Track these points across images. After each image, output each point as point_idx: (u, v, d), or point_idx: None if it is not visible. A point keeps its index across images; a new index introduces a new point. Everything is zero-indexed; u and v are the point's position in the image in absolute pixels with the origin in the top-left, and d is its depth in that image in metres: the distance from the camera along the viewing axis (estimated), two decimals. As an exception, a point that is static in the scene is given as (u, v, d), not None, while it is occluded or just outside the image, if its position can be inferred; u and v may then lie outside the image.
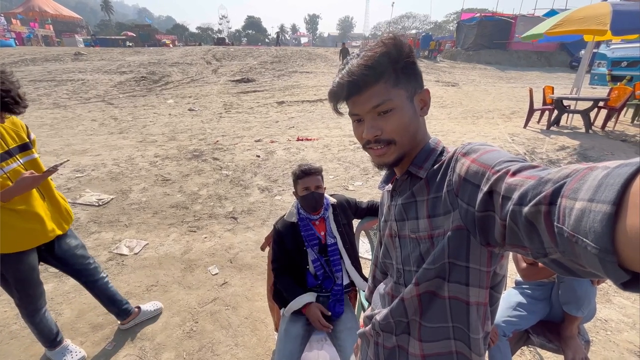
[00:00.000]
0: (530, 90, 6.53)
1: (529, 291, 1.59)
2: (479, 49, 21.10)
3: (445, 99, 9.93)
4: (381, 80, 0.62)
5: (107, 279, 1.92)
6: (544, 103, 6.90)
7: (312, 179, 1.51)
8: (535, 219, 0.39)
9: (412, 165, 0.69)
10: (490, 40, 21.07)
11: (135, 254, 2.79)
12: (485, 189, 0.49)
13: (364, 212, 1.72)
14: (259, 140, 6.01)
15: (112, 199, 3.75)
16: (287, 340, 1.41)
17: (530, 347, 1.83)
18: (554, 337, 1.50)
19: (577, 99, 6.23)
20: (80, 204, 3.58)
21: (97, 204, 3.59)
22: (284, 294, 1.53)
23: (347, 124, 6.67)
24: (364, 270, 1.67)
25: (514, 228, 0.43)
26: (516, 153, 4.91)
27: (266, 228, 3.17)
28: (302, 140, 6.05)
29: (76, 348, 1.83)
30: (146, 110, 8.51)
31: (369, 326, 0.82)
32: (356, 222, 1.73)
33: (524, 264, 1.55)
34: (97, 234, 3.07)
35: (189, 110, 8.50)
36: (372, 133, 0.65)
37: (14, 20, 27.91)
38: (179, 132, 6.55)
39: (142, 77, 12.37)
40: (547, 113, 6.68)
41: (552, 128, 6.49)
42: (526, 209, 0.39)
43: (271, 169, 4.67)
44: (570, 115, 6.67)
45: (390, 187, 0.78)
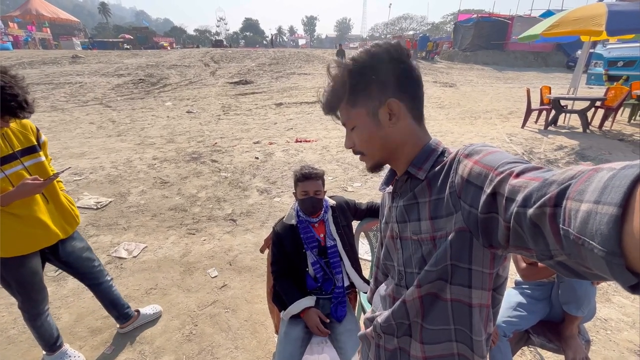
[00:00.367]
0: (528, 91, 6.55)
1: (529, 291, 1.59)
2: (476, 49, 21.19)
3: (443, 100, 9.95)
4: (341, 103, 0.71)
5: (111, 282, 1.92)
6: (542, 103, 6.93)
7: (311, 184, 1.49)
8: (540, 221, 0.38)
9: (411, 166, 0.69)
10: (487, 41, 21.16)
11: (134, 257, 2.78)
12: (488, 190, 0.49)
13: (363, 213, 1.71)
14: (257, 142, 6.00)
15: (111, 202, 3.74)
16: (287, 342, 1.40)
17: (530, 347, 1.82)
18: (554, 337, 1.50)
19: (574, 99, 6.26)
20: (79, 207, 3.55)
21: (95, 207, 3.58)
22: (283, 297, 1.52)
23: (345, 125, 6.66)
24: (364, 271, 1.66)
25: (518, 230, 0.43)
26: (514, 153, 4.92)
27: (265, 230, 3.16)
28: (300, 141, 6.05)
29: (75, 352, 1.81)
30: (144, 112, 8.50)
31: (370, 328, 0.81)
32: (355, 224, 1.73)
33: (523, 264, 1.55)
34: (96, 237, 3.06)
35: (187, 112, 8.49)
36: (347, 145, 0.75)
37: (11, 24, 27.84)
38: (177, 135, 6.54)
39: (140, 79, 12.36)
40: (544, 113, 6.72)
41: (550, 128, 6.51)
42: (531, 210, 0.39)
43: (270, 170, 4.67)
44: (568, 115, 6.70)
45: (390, 188, 0.78)
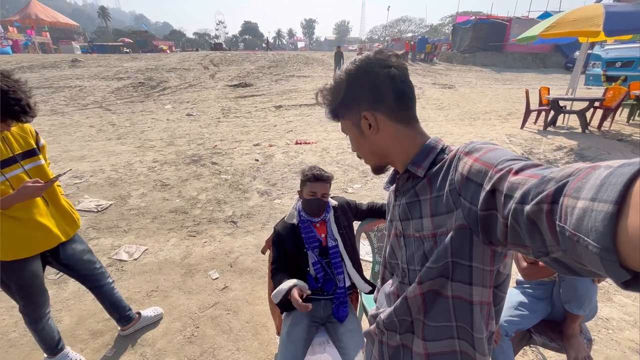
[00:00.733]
0: (527, 92, 6.58)
1: (530, 290, 1.59)
2: (474, 51, 21.24)
3: (442, 101, 9.98)
4: (334, 115, 0.78)
5: (113, 284, 1.91)
6: (540, 104, 6.95)
7: (321, 186, 1.51)
8: (537, 218, 0.39)
9: (411, 164, 0.70)
10: (485, 42, 21.22)
11: (135, 259, 2.78)
12: (488, 187, 0.49)
13: (364, 213, 1.72)
14: (257, 145, 6.01)
15: (111, 204, 3.74)
16: (289, 343, 1.40)
17: (532, 346, 1.82)
18: (556, 336, 1.50)
19: (572, 100, 6.28)
20: (79, 210, 3.56)
21: (95, 210, 3.58)
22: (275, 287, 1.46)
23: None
24: (365, 272, 1.67)
25: (516, 227, 0.43)
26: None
27: (266, 232, 3.16)
28: (300, 143, 6.06)
29: (76, 355, 1.81)
30: (144, 115, 8.51)
31: (373, 325, 0.82)
32: (356, 225, 1.73)
33: (524, 263, 1.55)
34: (96, 240, 3.06)
35: (187, 115, 8.51)
36: (352, 148, 0.82)
37: (10, 28, 27.88)
38: (177, 137, 6.55)
39: (140, 82, 12.38)
40: (543, 114, 6.73)
41: (549, 128, 6.53)
42: (528, 207, 0.39)
43: (270, 172, 4.67)
44: (567, 115, 6.72)
45: (394, 187, 0.79)
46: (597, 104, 6.28)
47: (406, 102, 0.70)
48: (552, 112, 6.48)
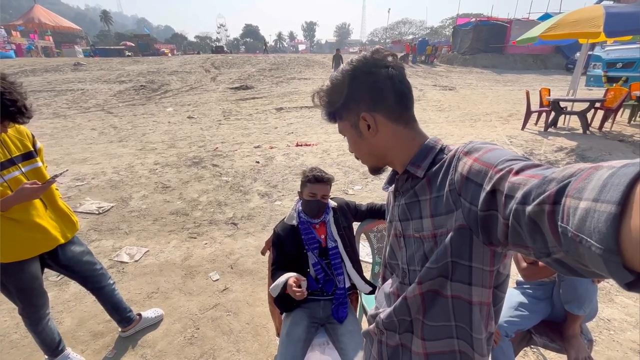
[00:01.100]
0: (527, 93, 6.58)
1: (530, 291, 1.59)
2: (475, 53, 21.27)
3: (443, 103, 9.98)
4: (332, 117, 0.78)
5: (114, 285, 1.92)
6: (541, 105, 6.95)
7: (321, 187, 1.52)
8: (538, 219, 0.38)
9: (410, 165, 0.70)
10: (486, 44, 21.24)
11: (136, 261, 2.79)
12: (488, 188, 0.49)
13: (364, 214, 1.72)
14: (258, 147, 6.03)
15: (112, 206, 3.75)
16: (289, 343, 1.40)
17: (533, 347, 1.82)
18: (556, 337, 1.49)
19: (573, 101, 6.27)
20: (81, 212, 3.58)
21: (97, 212, 3.59)
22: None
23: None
24: (365, 273, 1.67)
25: (517, 227, 0.43)
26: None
27: (266, 233, 3.17)
28: (301, 145, 6.07)
29: (77, 356, 1.82)
30: (145, 118, 8.55)
31: (373, 325, 0.82)
32: (356, 226, 1.74)
33: (524, 264, 1.55)
34: (98, 242, 3.07)
35: (188, 117, 8.54)
36: (349, 149, 0.81)
37: (14, 32, 28.11)
38: (179, 140, 6.57)
39: (142, 86, 12.45)
40: (544, 115, 6.73)
41: (550, 129, 6.52)
42: (529, 208, 0.39)
43: (271, 174, 4.68)
44: (568, 116, 6.71)
45: (393, 187, 0.79)
46: (598, 104, 6.27)
47: (405, 102, 0.70)
48: (552, 113, 6.47)
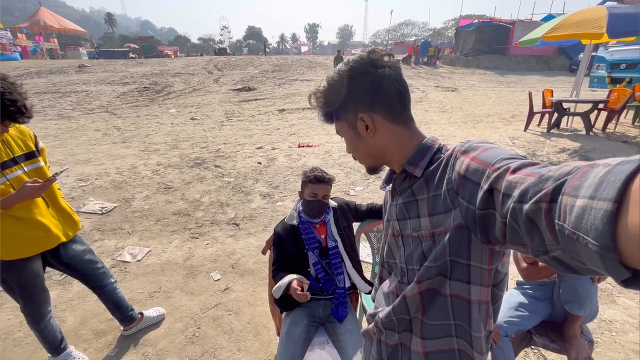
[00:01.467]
0: (530, 94, 6.56)
1: (531, 291, 1.59)
2: (477, 54, 21.22)
3: (445, 104, 9.97)
4: (330, 118, 0.78)
5: (115, 284, 1.93)
6: (544, 106, 6.93)
7: (322, 187, 1.53)
8: (536, 217, 0.39)
9: (407, 164, 0.70)
10: (488, 45, 21.19)
11: (138, 261, 2.81)
12: (485, 186, 0.49)
13: (364, 214, 1.73)
14: (260, 148, 6.05)
15: (115, 207, 3.78)
16: (288, 342, 1.41)
17: (534, 348, 1.81)
18: (556, 337, 1.49)
19: (576, 102, 6.25)
20: (84, 212, 3.61)
21: (100, 212, 3.62)
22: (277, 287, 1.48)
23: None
24: (365, 273, 1.67)
25: (515, 226, 0.43)
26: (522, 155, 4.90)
27: (268, 234, 3.17)
28: (303, 146, 6.09)
29: (79, 354, 1.83)
30: (149, 119, 8.61)
31: (372, 324, 0.82)
32: (356, 226, 1.74)
33: (524, 264, 1.55)
34: (100, 242, 3.09)
35: (191, 119, 8.59)
36: (346, 150, 0.81)
37: (19, 35, 28.43)
38: (181, 141, 6.61)
39: (145, 87, 12.53)
40: (547, 116, 6.71)
41: (553, 131, 6.50)
42: (527, 206, 0.39)
43: (272, 175, 4.70)
44: (571, 117, 6.69)
45: (391, 187, 0.79)
46: (601, 105, 6.24)
47: (402, 102, 0.70)
48: (555, 115, 6.45)
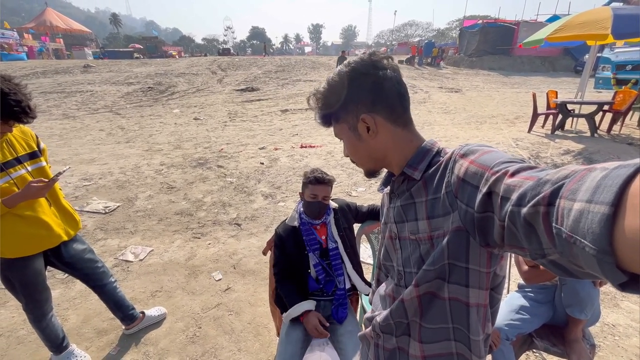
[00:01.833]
0: (534, 95, 6.52)
1: (532, 294, 1.58)
2: (481, 55, 21.12)
3: (449, 105, 9.94)
4: (329, 121, 0.77)
5: (115, 283, 1.94)
6: (548, 107, 6.88)
7: (322, 189, 1.53)
8: (533, 220, 0.39)
9: (407, 167, 0.70)
10: (493, 46, 21.09)
11: (140, 260, 2.82)
12: (484, 190, 0.50)
13: (364, 216, 1.73)
14: (263, 148, 6.06)
15: (119, 206, 3.81)
16: (288, 343, 1.41)
17: (535, 351, 1.80)
18: (558, 341, 1.48)
19: (581, 103, 6.20)
20: (88, 211, 3.64)
21: (103, 212, 3.65)
22: (284, 300, 1.53)
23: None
24: (366, 275, 1.67)
25: (513, 229, 0.43)
26: (520, 157, 4.87)
27: (269, 234, 3.18)
28: (305, 147, 6.09)
29: (81, 353, 1.85)
30: (152, 119, 8.66)
31: (369, 328, 0.81)
32: (357, 227, 1.74)
33: (525, 267, 1.54)
34: (103, 241, 3.12)
35: (195, 119, 8.63)
36: (344, 154, 0.81)
37: (26, 35, 28.73)
38: (185, 141, 6.64)
39: (149, 87, 12.61)
40: (551, 117, 6.66)
41: (557, 132, 6.45)
42: (525, 209, 0.40)
43: (275, 175, 4.71)
44: (575, 119, 6.64)
45: (389, 189, 0.79)
46: (606, 107, 6.19)
47: (403, 103, 0.70)
48: (560, 116, 6.40)
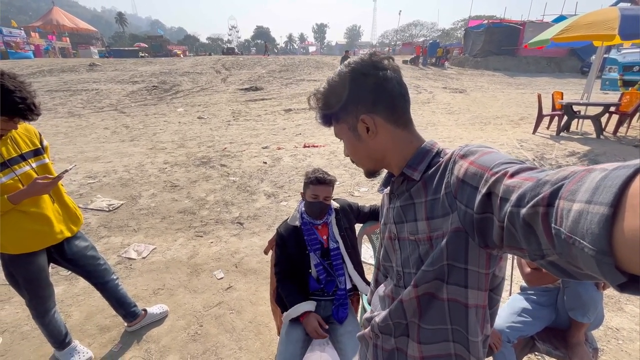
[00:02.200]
0: (539, 96, 6.47)
1: (534, 297, 1.56)
2: (487, 55, 20.99)
3: (453, 106, 9.89)
4: (328, 120, 0.77)
5: (117, 281, 1.96)
6: (554, 109, 6.82)
7: (323, 189, 1.53)
8: (532, 221, 0.39)
9: (406, 167, 0.70)
10: (498, 46, 20.95)
11: (143, 258, 2.84)
12: (483, 190, 0.49)
13: (366, 216, 1.73)
14: (266, 147, 6.08)
15: (122, 204, 3.83)
16: (288, 342, 1.41)
17: (537, 354, 1.79)
18: (560, 344, 1.47)
19: (587, 104, 6.14)
20: (92, 209, 3.67)
21: (107, 209, 3.68)
22: (284, 300, 1.54)
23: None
24: (367, 275, 1.67)
25: (512, 230, 0.43)
26: (525, 159, 4.85)
27: (271, 233, 3.17)
28: (308, 147, 6.10)
29: (84, 349, 1.86)
30: (157, 118, 8.71)
31: (368, 328, 0.81)
32: (358, 227, 1.74)
33: (528, 269, 1.53)
34: (107, 239, 3.14)
35: (198, 118, 8.67)
36: (344, 154, 0.81)
37: (32, 34, 29.03)
38: (188, 140, 6.67)
39: (154, 86, 12.68)
40: (556, 119, 6.60)
41: (562, 134, 6.40)
42: (524, 210, 0.39)
43: (277, 175, 4.72)
44: (581, 120, 6.58)
45: (388, 190, 0.79)
46: (613, 108, 6.13)
47: (403, 104, 0.70)
48: (565, 117, 6.35)
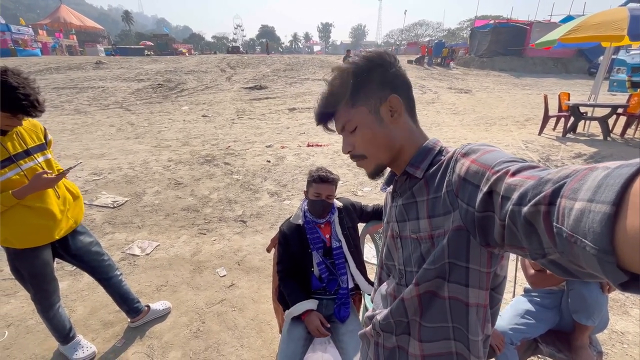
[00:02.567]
0: (545, 97, 6.41)
1: (538, 299, 1.55)
2: (493, 55, 20.82)
3: (458, 106, 9.83)
4: (339, 105, 0.70)
5: (121, 276, 1.98)
6: (560, 110, 6.76)
7: (326, 187, 1.53)
8: (534, 219, 0.38)
9: (409, 165, 0.70)
10: (504, 46, 20.77)
11: (147, 254, 2.86)
12: (485, 189, 0.49)
13: (369, 215, 1.72)
14: (269, 146, 6.08)
15: (127, 201, 3.86)
16: (289, 341, 1.42)
17: (540, 357, 1.77)
18: (564, 347, 1.45)
19: (594, 106, 6.08)
20: (97, 205, 3.70)
21: (112, 206, 3.70)
22: (286, 298, 1.54)
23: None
24: (370, 274, 1.66)
25: (513, 228, 0.43)
26: (530, 160, 4.80)
27: (274, 232, 3.18)
28: (312, 146, 6.09)
29: (87, 344, 1.88)
30: (161, 116, 8.75)
31: (369, 326, 0.81)
32: (361, 227, 1.73)
33: (532, 271, 1.52)
34: (111, 235, 3.17)
35: (203, 116, 8.70)
36: (345, 149, 0.74)
37: (40, 31, 29.33)
38: (193, 138, 6.70)
39: (159, 84, 12.74)
40: (562, 120, 6.54)
41: (569, 135, 6.33)
42: (525, 209, 0.39)
43: (281, 174, 4.72)
44: (588, 122, 6.51)
45: (391, 188, 0.79)
46: (620, 110, 6.05)
47: (413, 99, 0.72)
48: (572, 119, 6.29)
